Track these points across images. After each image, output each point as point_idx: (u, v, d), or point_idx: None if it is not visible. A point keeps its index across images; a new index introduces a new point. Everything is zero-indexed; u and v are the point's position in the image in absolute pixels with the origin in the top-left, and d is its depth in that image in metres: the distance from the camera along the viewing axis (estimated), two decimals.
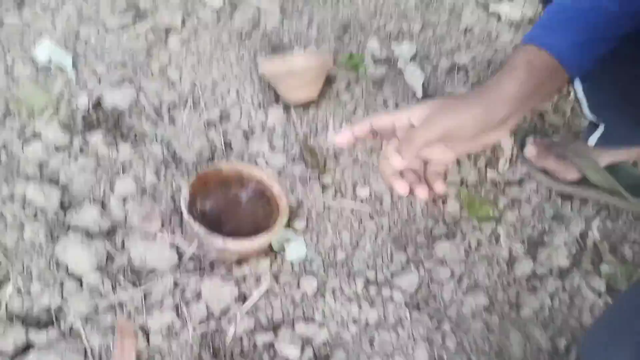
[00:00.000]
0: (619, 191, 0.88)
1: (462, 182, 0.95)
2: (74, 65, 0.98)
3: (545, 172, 0.94)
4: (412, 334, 0.74)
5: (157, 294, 0.69)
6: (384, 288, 0.79)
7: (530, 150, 0.95)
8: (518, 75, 0.48)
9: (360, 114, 1.01)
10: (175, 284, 0.71)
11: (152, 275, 0.71)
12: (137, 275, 0.72)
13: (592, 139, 0.83)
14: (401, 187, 0.54)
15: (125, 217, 0.78)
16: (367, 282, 0.80)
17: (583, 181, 0.91)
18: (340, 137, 0.56)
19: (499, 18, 1.24)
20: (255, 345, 0.70)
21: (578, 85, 0.81)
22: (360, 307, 0.76)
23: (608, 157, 0.88)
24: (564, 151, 0.91)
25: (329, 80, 1.06)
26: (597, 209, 0.95)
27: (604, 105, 0.79)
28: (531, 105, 0.50)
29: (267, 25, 1.16)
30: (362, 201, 0.90)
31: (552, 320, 0.80)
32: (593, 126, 0.83)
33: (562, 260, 0.85)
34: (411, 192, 0.55)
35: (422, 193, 0.54)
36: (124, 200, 0.80)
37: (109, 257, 0.73)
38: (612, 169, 0.90)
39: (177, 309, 0.69)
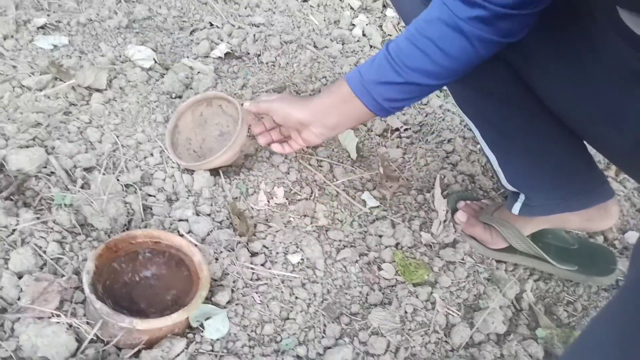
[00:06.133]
0: (545, 258, 0.89)
1: (397, 245, 0.93)
2: None
3: (475, 238, 0.94)
4: None
5: None
6: None
7: (459, 216, 0.96)
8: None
9: (293, 175, 0.98)
10: None
11: None
12: None
13: (515, 209, 0.84)
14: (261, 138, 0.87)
15: (19, 296, 0.68)
16: None
17: (510, 249, 0.91)
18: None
19: None
20: None
21: (493, 159, 0.82)
22: None
23: (533, 225, 0.89)
24: (490, 219, 0.91)
25: None
26: (531, 269, 0.95)
27: (520, 176, 0.81)
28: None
29: (199, 86, 1.14)
30: (293, 269, 0.85)
31: None
32: (515, 195, 0.84)
33: (498, 325, 0.83)
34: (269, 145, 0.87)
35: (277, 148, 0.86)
36: (20, 276, 0.70)
37: None
38: (539, 232, 0.91)
39: None
